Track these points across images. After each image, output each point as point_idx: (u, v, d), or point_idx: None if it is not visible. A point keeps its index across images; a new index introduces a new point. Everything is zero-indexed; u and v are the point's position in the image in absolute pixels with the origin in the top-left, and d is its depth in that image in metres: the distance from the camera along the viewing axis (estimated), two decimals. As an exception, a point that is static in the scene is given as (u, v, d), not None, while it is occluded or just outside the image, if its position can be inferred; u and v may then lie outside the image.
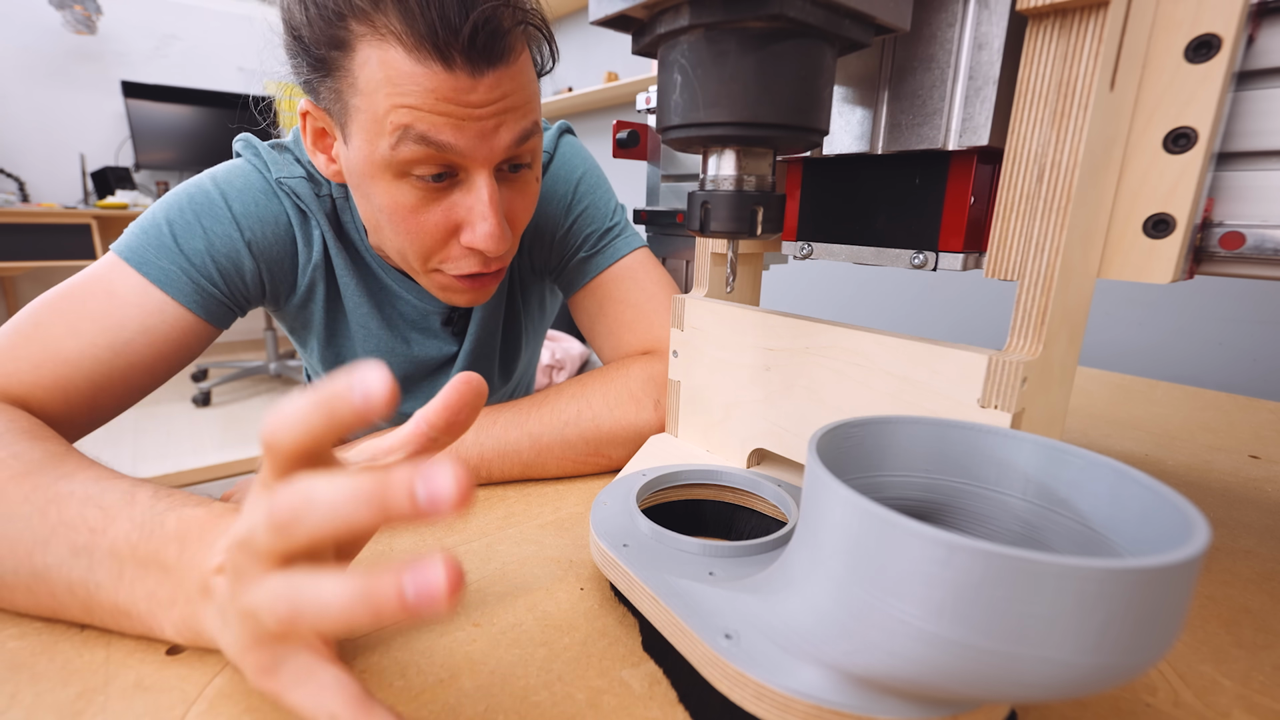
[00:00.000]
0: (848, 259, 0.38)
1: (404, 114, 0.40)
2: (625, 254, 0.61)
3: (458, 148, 0.41)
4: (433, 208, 0.45)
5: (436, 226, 0.46)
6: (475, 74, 0.40)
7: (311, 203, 0.54)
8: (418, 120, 0.40)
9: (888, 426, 0.26)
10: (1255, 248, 0.29)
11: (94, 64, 3.06)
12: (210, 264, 0.49)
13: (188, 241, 0.48)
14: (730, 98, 0.27)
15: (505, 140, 0.43)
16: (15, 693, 0.25)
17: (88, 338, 0.43)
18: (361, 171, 0.44)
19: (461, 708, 0.25)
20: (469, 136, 0.41)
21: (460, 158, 0.42)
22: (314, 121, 0.48)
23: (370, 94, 0.40)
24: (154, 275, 0.46)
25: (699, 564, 0.29)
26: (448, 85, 0.39)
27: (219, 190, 0.51)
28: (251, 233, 0.51)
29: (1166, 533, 0.19)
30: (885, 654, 0.19)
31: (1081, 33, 0.26)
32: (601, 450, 0.48)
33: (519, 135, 0.44)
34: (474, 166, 0.43)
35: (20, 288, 3.10)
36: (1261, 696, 0.27)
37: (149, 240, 0.47)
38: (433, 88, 0.39)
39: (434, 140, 0.41)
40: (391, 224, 0.46)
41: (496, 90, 0.41)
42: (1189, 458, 0.56)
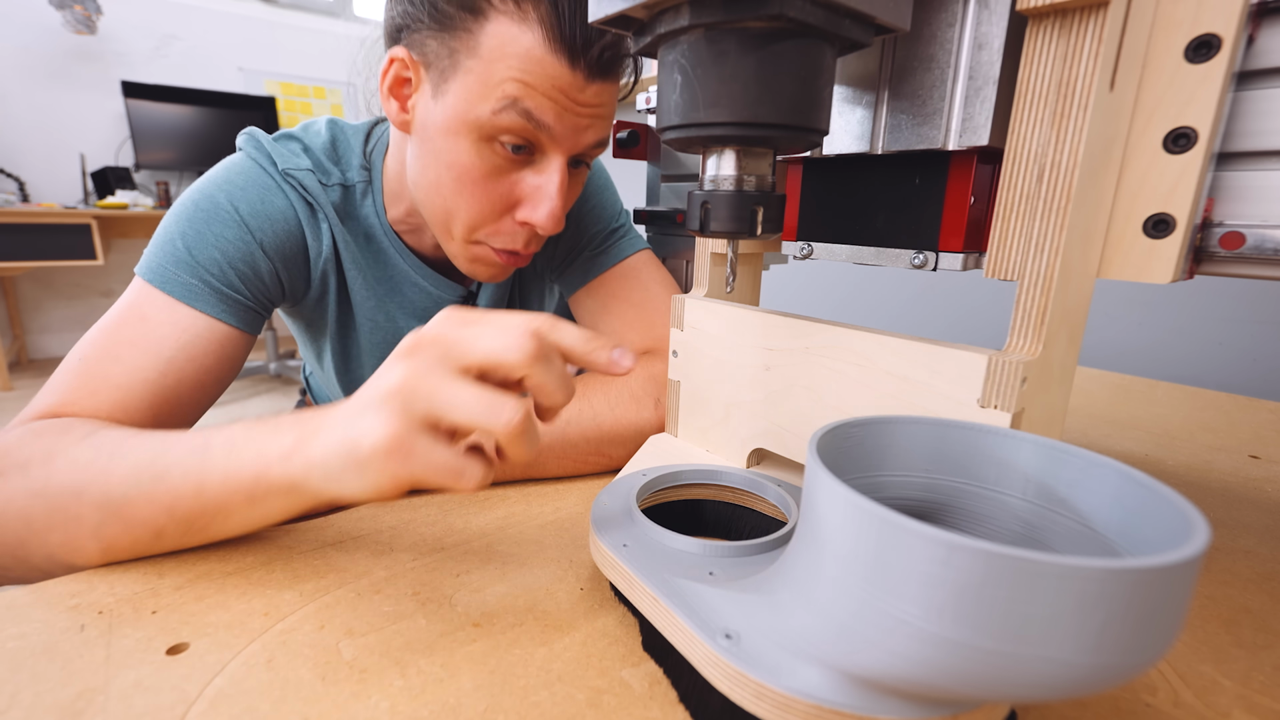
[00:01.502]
0: (848, 259, 0.38)
1: (517, 87, 0.44)
2: (629, 254, 0.63)
3: (553, 131, 0.46)
4: (500, 179, 0.49)
5: (501, 197, 0.49)
6: (589, 79, 0.45)
7: (319, 195, 0.55)
8: (528, 96, 0.45)
9: (888, 426, 0.26)
10: (1255, 248, 0.29)
11: (94, 64, 3.06)
12: (229, 271, 0.50)
13: (202, 253, 0.49)
14: (730, 98, 0.27)
15: (589, 139, 0.49)
16: (15, 693, 0.25)
17: (131, 362, 0.44)
18: (446, 127, 0.47)
19: (461, 708, 0.25)
20: (565, 125, 0.46)
21: (549, 140, 0.47)
22: (401, 69, 0.49)
23: (490, 61, 0.44)
24: (178, 293, 0.47)
25: (699, 564, 0.29)
26: (566, 80, 0.44)
27: (224, 194, 0.51)
28: (262, 233, 0.52)
29: (1166, 533, 0.19)
30: (885, 654, 0.19)
31: (1081, 33, 0.26)
32: (603, 450, 0.48)
33: (599, 139, 0.49)
34: (554, 151, 0.48)
35: (20, 288, 3.10)
36: (1261, 696, 0.27)
37: (166, 258, 0.48)
38: (554, 76, 0.44)
39: (536, 118, 0.45)
40: (457, 184, 0.48)
41: (598, 98, 0.47)
42: (1189, 458, 0.56)
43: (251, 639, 0.29)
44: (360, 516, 0.41)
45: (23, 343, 3.14)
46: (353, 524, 0.40)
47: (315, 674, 0.27)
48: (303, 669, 0.27)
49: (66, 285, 3.20)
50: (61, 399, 0.42)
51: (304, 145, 0.56)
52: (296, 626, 0.30)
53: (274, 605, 0.31)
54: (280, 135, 0.56)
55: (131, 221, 3.08)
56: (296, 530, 0.39)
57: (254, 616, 0.30)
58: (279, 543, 0.38)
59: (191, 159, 3.16)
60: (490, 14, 0.43)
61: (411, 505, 0.43)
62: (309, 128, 0.58)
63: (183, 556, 0.36)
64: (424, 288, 0.62)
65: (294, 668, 0.27)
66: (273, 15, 3.45)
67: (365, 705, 0.25)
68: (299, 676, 0.27)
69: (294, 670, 0.27)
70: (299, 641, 0.29)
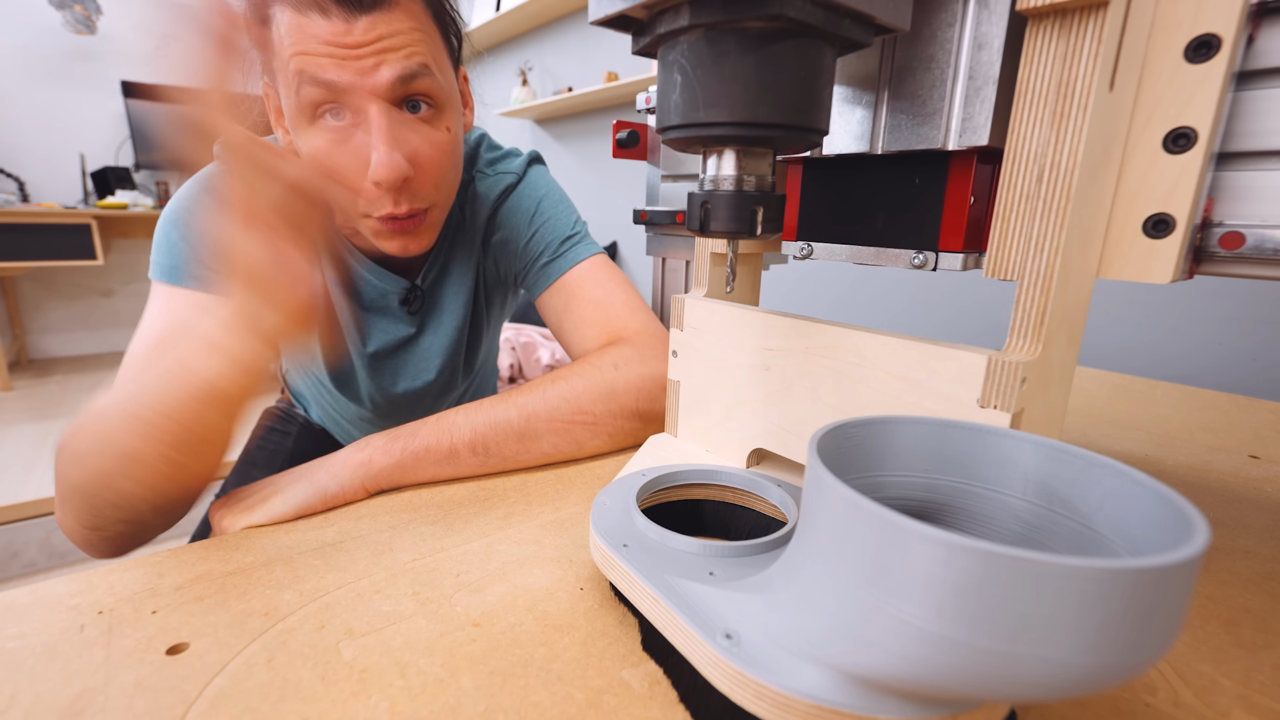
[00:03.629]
0: (848, 259, 0.38)
1: (298, 60, 0.46)
2: (585, 258, 0.67)
3: (340, 84, 0.47)
4: (342, 149, 0.50)
5: (348, 168, 0.50)
6: (349, 18, 0.45)
7: None
8: (308, 65, 0.46)
9: (888, 426, 0.26)
10: (1255, 248, 0.29)
11: (94, 64, 3.06)
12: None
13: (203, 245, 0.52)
14: (730, 98, 0.27)
15: (387, 76, 0.47)
16: (15, 693, 0.25)
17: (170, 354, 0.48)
18: (292, 127, 0.50)
19: (461, 708, 0.25)
20: (349, 73, 0.47)
21: (347, 94, 0.47)
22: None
23: (281, 53, 0.47)
24: (194, 284, 0.52)
25: (699, 564, 0.29)
26: (327, 31, 0.45)
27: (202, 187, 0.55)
28: None
29: (1166, 533, 0.19)
30: (885, 654, 0.19)
31: (1081, 33, 0.26)
32: (583, 408, 0.51)
33: (402, 73, 0.48)
34: (362, 101, 0.48)
35: (20, 288, 3.10)
36: (1261, 696, 0.27)
37: (173, 258, 0.53)
38: (315, 34, 0.45)
39: (320, 79, 0.46)
40: (319, 172, 0.50)
41: (372, 32, 0.46)
42: (1189, 458, 0.56)
43: (251, 639, 0.29)
44: (360, 516, 0.41)
45: (23, 343, 3.14)
46: (353, 524, 0.40)
47: (315, 674, 0.27)
48: (302, 669, 0.27)
49: (66, 285, 3.20)
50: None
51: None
52: (296, 626, 0.30)
53: (274, 605, 0.31)
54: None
55: (131, 221, 3.08)
56: (296, 530, 0.39)
57: (254, 616, 0.30)
58: (279, 543, 0.38)
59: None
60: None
61: (411, 505, 0.43)
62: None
63: (183, 556, 0.36)
64: (371, 281, 0.65)
65: (294, 668, 0.27)
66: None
67: (365, 705, 0.25)
68: (299, 676, 0.27)
69: (294, 670, 0.27)
70: (299, 641, 0.29)
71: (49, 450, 2.00)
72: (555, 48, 2.91)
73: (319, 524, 0.40)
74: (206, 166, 0.57)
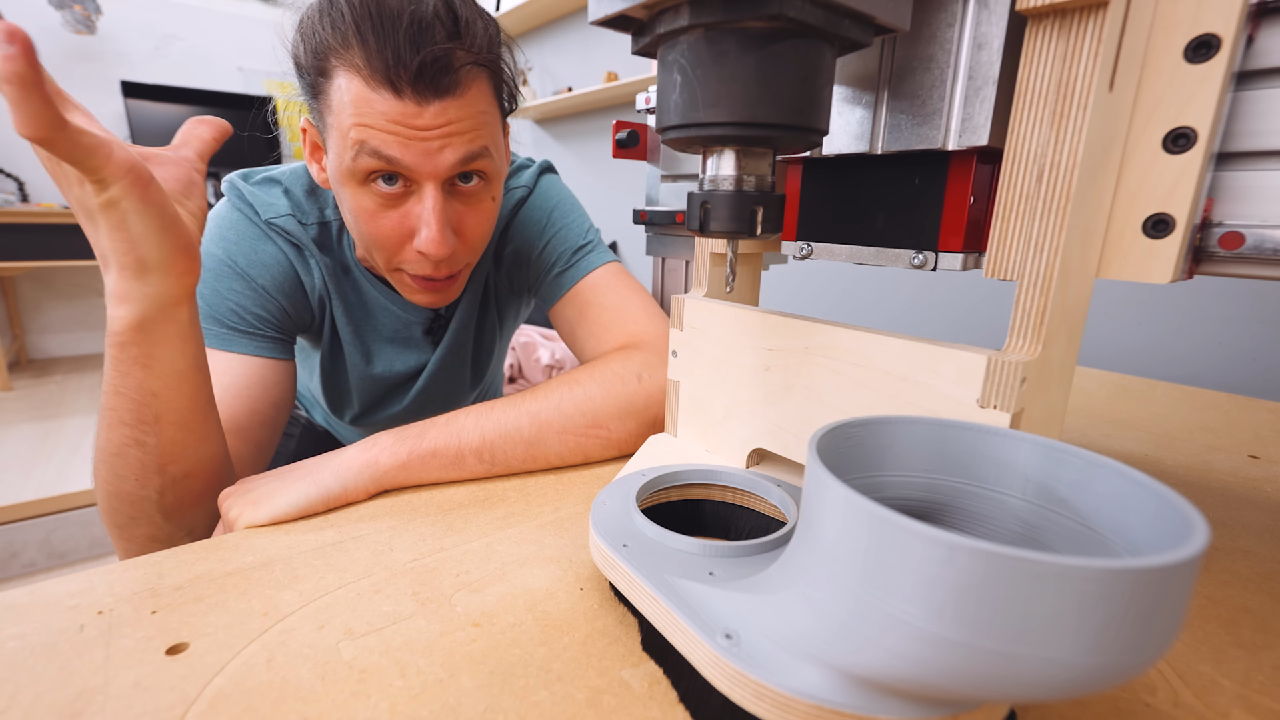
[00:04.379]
0: (847, 259, 0.38)
1: (361, 131, 0.47)
2: (598, 266, 0.67)
3: (404, 163, 0.48)
4: (389, 213, 0.51)
5: (393, 230, 0.52)
6: (421, 102, 0.46)
7: (301, 236, 0.60)
8: (371, 137, 0.47)
9: (888, 426, 0.26)
10: (1255, 248, 0.29)
11: (94, 64, 3.06)
12: (247, 315, 0.56)
13: (219, 306, 0.55)
14: (730, 98, 0.27)
15: (450, 160, 0.49)
16: (15, 693, 0.25)
17: None
18: (336, 179, 0.52)
19: (461, 708, 0.25)
20: (414, 154, 0.48)
21: (408, 171, 0.49)
22: (311, 136, 0.56)
23: (339, 113, 0.48)
24: (212, 342, 0.54)
25: (699, 564, 0.29)
26: (396, 110, 0.46)
27: (221, 249, 0.57)
28: (263, 279, 0.58)
29: (1166, 533, 0.19)
30: (885, 654, 0.19)
31: (1081, 33, 0.26)
32: (599, 422, 0.50)
33: (464, 156, 0.49)
34: (422, 180, 0.50)
35: (20, 288, 3.10)
36: (1261, 696, 0.27)
37: None
38: (384, 111, 0.46)
39: (383, 155, 0.47)
40: (358, 225, 0.52)
41: (441, 117, 0.47)
42: (1189, 458, 0.56)
43: (251, 639, 0.29)
44: (360, 516, 0.41)
45: (22, 343, 3.14)
46: (353, 524, 0.40)
47: (315, 674, 0.27)
48: (302, 669, 0.27)
49: (66, 285, 3.20)
50: None
51: (284, 188, 0.61)
52: (296, 626, 0.30)
53: (273, 605, 0.31)
54: (262, 180, 0.61)
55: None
56: (296, 530, 0.39)
57: (254, 616, 0.30)
58: (279, 543, 0.38)
59: (191, 159, 3.15)
60: (332, 71, 0.47)
61: (411, 505, 0.43)
62: (294, 169, 0.64)
63: (183, 556, 0.36)
64: (393, 311, 0.67)
65: (293, 668, 0.27)
66: (273, 15, 3.45)
67: (365, 705, 0.25)
68: (298, 676, 0.27)
69: (293, 670, 0.27)
70: (298, 641, 0.29)
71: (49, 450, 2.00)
72: (555, 48, 2.91)
73: (319, 524, 0.40)
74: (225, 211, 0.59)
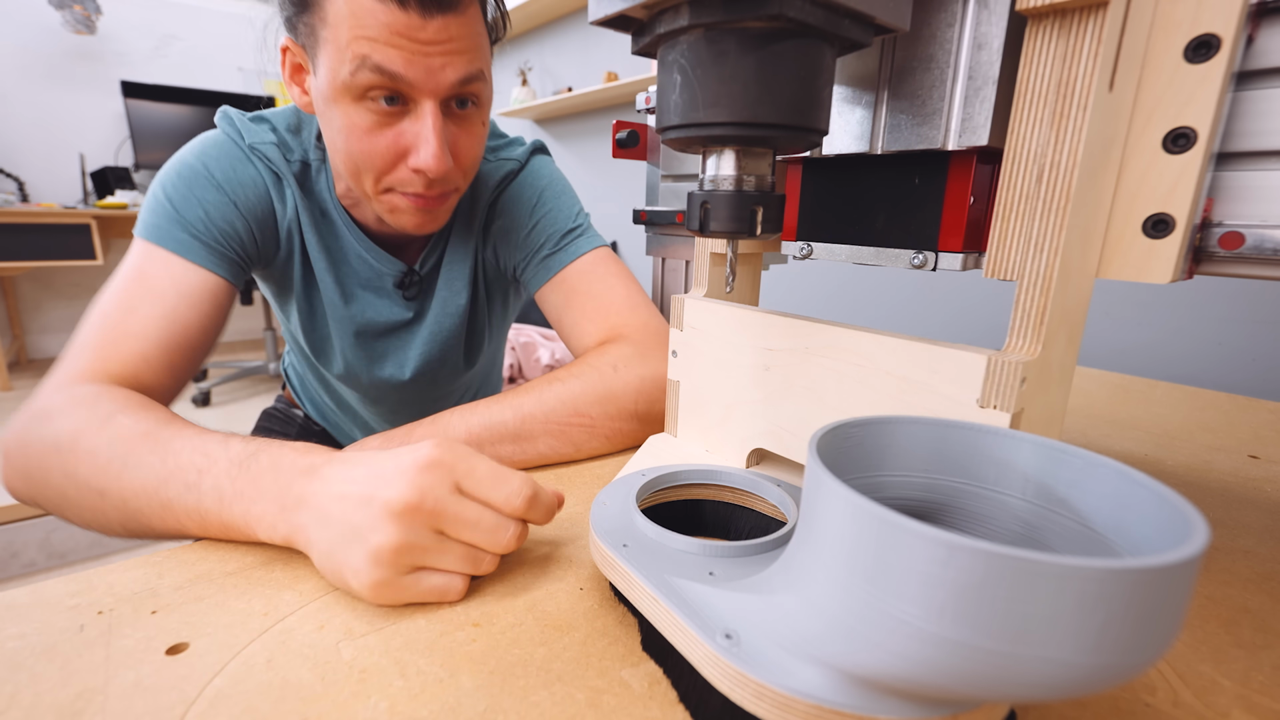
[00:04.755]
0: (847, 259, 0.38)
1: (363, 44, 0.46)
2: (586, 251, 0.66)
3: (406, 77, 0.48)
4: (384, 131, 0.51)
5: (388, 148, 0.51)
6: (426, 15, 0.46)
7: (282, 166, 0.60)
8: (374, 51, 0.46)
9: (888, 426, 0.26)
10: (1255, 248, 0.29)
11: (94, 64, 3.06)
12: (212, 227, 0.55)
13: (188, 211, 0.55)
14: (730, 98, 0.27)
15: (450, 77, 0.49)
16: (15, 693, 0.25)
17: (143, 312, 0.51)
18: (325, 96, 0.51)
19: (461, 708, 0.25)
20: (417, 69, 0.48)
21: (409, 87, 0.49)
22: (292, 57, 0.54)
23: (336, 26, 0.47)
24: (172, 246, 0.54)
25: (699, 564, 0.29)
26: (400, 22, 0.46)
27: (200, 162, 0.57)
28: (235, 195, 0.58)
29: (1166, 533, 0.19)
30: (885, 654, 0.19)
31: (1081, 33, 0.26)
32: (580, 410, 0.51)
33: (463, 75, 0.50)
34: (421, 97, 0.50)
35: (20, 288, 3.10)
36: (1261, 696, 0.27)
37: (159, 217, 0.55)
38: (388, 23, 0.46)
39: (386, 69, 0.47)
40: (348, 144, 0.52)
41: (444, 33, 0.47)
42: (1189, 458, 0.56)
43: (251, 639, 0.29)
44: (360, 516, 0.41)
45: (22, 343, 3.14)
46: (352, 524, 0.40)
47: (315, 674, 0.27)
48: (302, 669, 0.27)
49: (66, 285, 3.20)
50: (95, 356, 0.48)
51: (271, 125, 0.61)
52: (296, 626, 0.30)
53: (274, 605, 0.31)
54: (253, 116, 0.62)
55: (131, 221, 3.07)
56: (296, 530, 0.39)
57: (254, 616, 0.30)
58: (279, 543, 0.38)
59: (191, 159, 3.15)
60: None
61: (411, 505, 0.43)
62: (281, 111, 0.64)
63: (183, 556, 0.36)
64: (367, 260, 0.66)
65: (293, 668, 0.27)
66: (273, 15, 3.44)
67: (365, 705, 0.25)
68: (298, 676, 0.27)
69: (293, 670, 0.27)
70: (298, 641, 0.29)
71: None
72: (555, 48, 2.91)
73: (319, 524, 0.40)
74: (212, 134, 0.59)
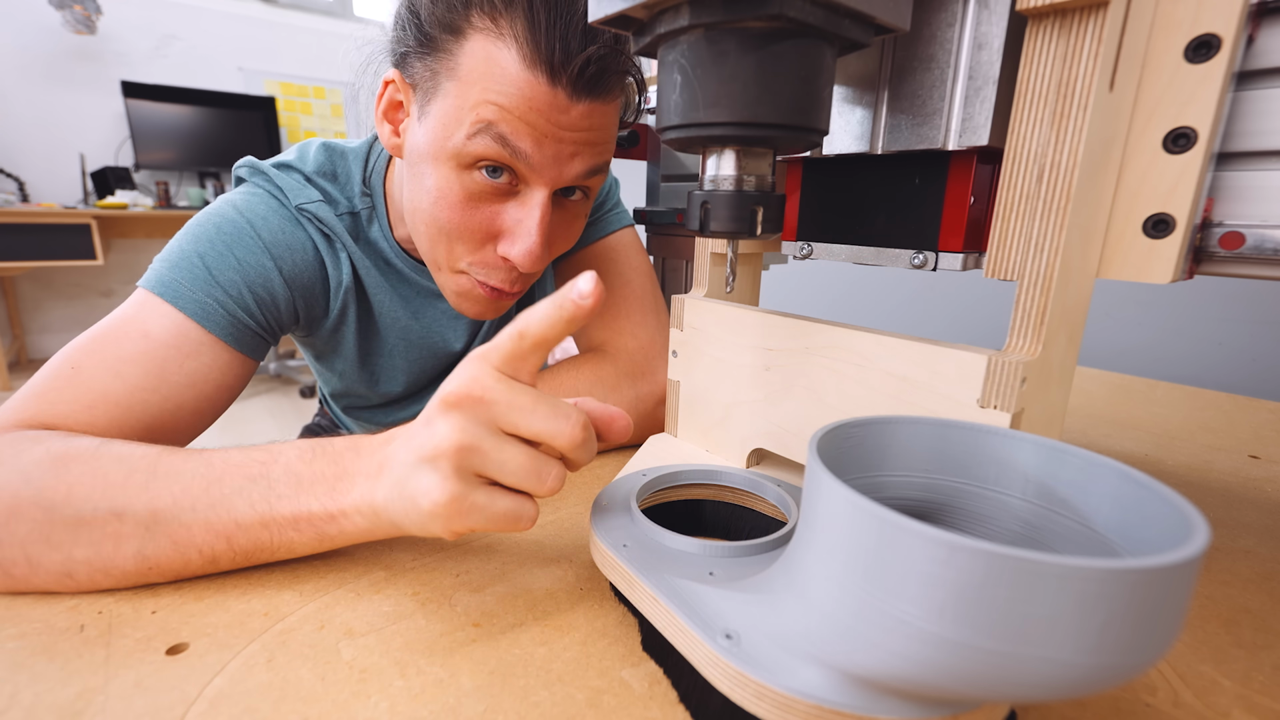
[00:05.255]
0: (848, 259, 0.38)
1: (492, 110, 0.41)
2: (614, 230, 0.63)
3: (530, 159, 0.43)
4: (483, 207, 0.45)
5: (479, 226, 0.46)
6: (574, 99, 0.41)
7: (334, 225, 0.54)
8: (503, 121, 0.41)
9: (888, 426, 0.26)
10: (1255, 248, 0.29)
11: (94, 64, 3.06)
12: (247, 294, 0.48)
13: (222, 273, 0.47)
14: (730, 98, 0.27)
15: (576, 169, 0.45)
16: (15, 693, 0.25)
17: (133, 380, 0.41)
18: (426, 152, 0.45)
19: (461, 708, 0.25)
20: (545, 154, 0.43)
21: (528, 170, 0.44)
22: (394, 93, 0.48)
23: (467, 82, 0.41)
24: (191, 310, 0.45)
25: (699, 564, 0.29)
26: (544, 98, 0.41)
27: (245, 219, 0.50)
28: (283, 261, 0.51)
29: (1166, 533, 0.19)
30: (886, 654, 0.19)
31: (1081, 33, 0.26)
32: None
33: (590, 168, 0.45)
34: (537, 183, 0.45)
35: (20, 288, 3.10)
36: (1261, 696, 0.27)
37: (181, 273, 0.46)
38: (531, 96, 0.41)
39: (511, 144, 0.42)
40: (435, 209, 0.46)
41: (585, 120, 0.43)
42: (1189, 458, 0.56)
43: (251, 639, 0.29)
44: (360, 516, 0.41)
45: (22, 343, 3.14)
46: (352, 524, 0.40)
47: (315, 674, 0.27)
48: (302, 669, 0.27)
49: (66, 285, 3.20)
50: (51, 408, 0.39)
51: (303, 176, 0.55)
52: (296, 626, 0.30)
53: (274, 605, 0.31)
54: (276, 163, 0.55)
55: (131, 221, 3.08)
56: (296, 530, 0.39)
57: (254, 616, 0.30)
58: (279, 543, 0.38)
59: (191, 159, 3.16)
60: (469, 32, 0.41)
61: (411, 505, 0.43)
62: (304, 155, 0.56)
63: (182, 556, 0.36)
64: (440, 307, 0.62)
65: (293, 668, 0.27)
66: (273, 15, 3.45)
67: (365, 705, 0.25)
68: (298, 676, 0.27)
69: (293, 670, 0.27)
70: (298, 641, 0.29)
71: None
72: (555, 48, 2.90)
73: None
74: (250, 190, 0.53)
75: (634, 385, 0.53)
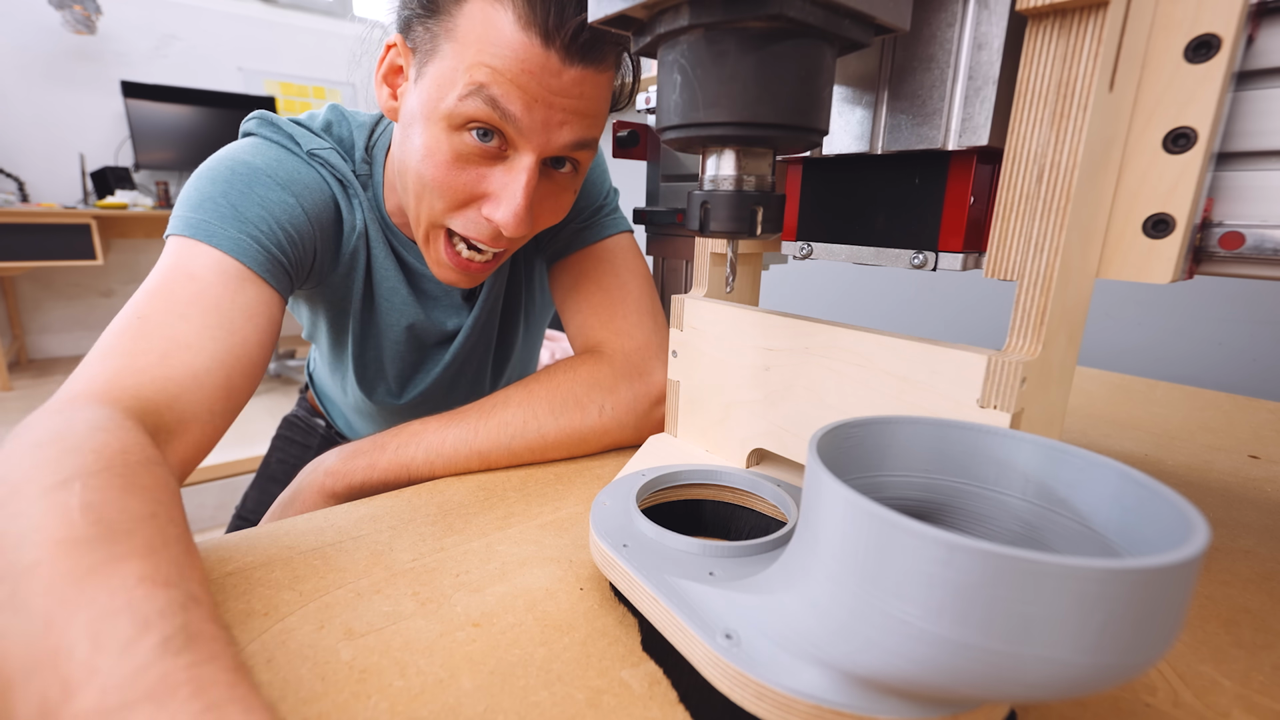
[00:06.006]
0: (847, 259, 0.38)
1: (485, 72, 0.41)
2: (610, 234, 0.62)
3: (519, 123, 0.43)
4: (469, 169, 0.46)
5: (464, 186, 0.46)
6: (566, 63, 0.41)
7: (347, 173, 0.54)
8: (494, 82, 0.41)
9: (888, 426, 0.26)
10: (1255, 248, 0.29)
11: (94, 64, 3.06)
12: (277, 230, 0.47)
13: (249, 210, 0.46)
14: (730, 98, 0.27)
15: (565, 137, 0.44)
16: (15, 693, 0.25)
17: (197, 320, 0.41)
18: (417, 112, 0.45)
19: (461, 708, 0.25)
20: (535, 118, 0.43)
21: (517, 134, 0.44)
22: (395, 56, 0.49)
23: (464, 43, 0.42)
24: (227, 246, 0.44)
25: (699, 564, 0.29)
26: (536, 60, 0.41)
27: (258, 162, 0.49)
28: (303, 198, 0.50)
29: (1166, 533, 0.19)
30: (886, 654, 0.19)
31: (1081, 33, 0.26)
32: (547, 454, 0.49)
33: (579, 139, 0.45)
34: (525, 148, 0.44)
35: (20, 288, 3.10)
36: (1261, 696, 0.27)
37: (208, 214, 0.45)
38: (525, 58, 0.41)
39: (502, 106, 0.42)
40: (422, 166, 0.46)
41: (577, 87, 0.42)
42: (1189, 458, 0.56)
43: (251, 639, 0.29)
44: (360, 517, 0.41)
45: (22, 343, 3.14)
46: (353, 524, 0.40)
47: (314, 674, 0.27)
48: (302, 669, 0.27)
49: (66, 285, 3.20)
50: (129, 364, 0.37)
51: (313, 131, 0.55)
52: (296, 626, 0.30)
53: (273, 605, 0.31)
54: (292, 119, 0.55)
55: (131, 221, 3.08)
56: (296, 530, 0.39)
57: (253, 616, 0.30)
58: (279, 542, 0.38)
59: (191, 159, 3.15)
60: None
61: (411, 505, 0.43)
62: (313, 119, 0.57)
63: (182, 556, 0.36)
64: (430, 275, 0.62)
65: (293, 668, 0.27)
66: (273, 15, 3.45)
67: (365, 706, 0.25)
68: (298, 676, 0.27)
69: (293, 670, 0.27)
70: (298, 641, 0.29)
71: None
72: (555, 48, 2.90)
73: (319, 524, 0.40)
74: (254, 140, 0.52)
75: (630, 386, 0.52)
